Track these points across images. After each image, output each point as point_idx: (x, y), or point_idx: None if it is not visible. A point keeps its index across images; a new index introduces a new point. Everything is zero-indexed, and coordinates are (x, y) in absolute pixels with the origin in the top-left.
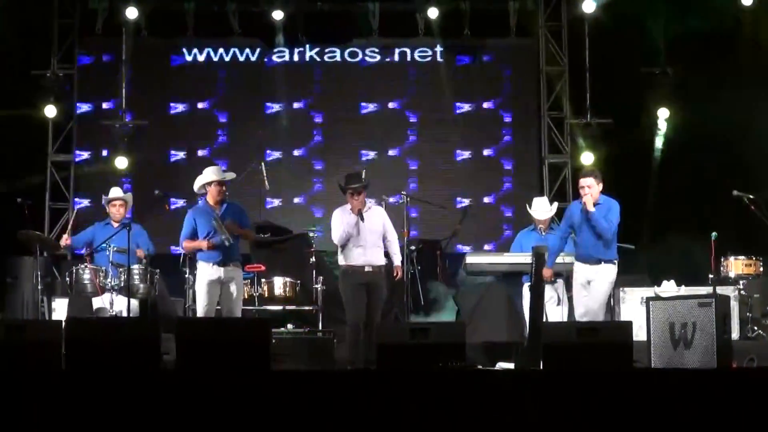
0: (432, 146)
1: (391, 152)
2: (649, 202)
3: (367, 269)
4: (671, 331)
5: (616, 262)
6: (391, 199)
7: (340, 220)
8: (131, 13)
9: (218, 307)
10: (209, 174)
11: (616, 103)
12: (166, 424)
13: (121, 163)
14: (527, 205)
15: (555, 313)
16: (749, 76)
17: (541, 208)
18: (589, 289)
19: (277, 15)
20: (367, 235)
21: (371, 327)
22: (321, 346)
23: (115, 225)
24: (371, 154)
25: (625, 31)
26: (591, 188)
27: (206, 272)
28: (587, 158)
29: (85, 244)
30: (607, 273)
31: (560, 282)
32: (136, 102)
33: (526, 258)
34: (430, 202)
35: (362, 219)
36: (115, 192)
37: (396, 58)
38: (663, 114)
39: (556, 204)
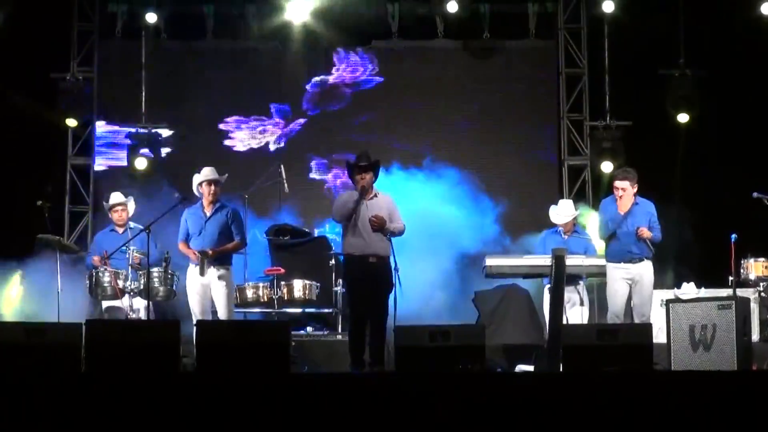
0: (451, 148)
1: (410, 154)
2: (669, 204)
3: (371, 260)
4: (691, 333)
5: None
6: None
7: (345, 197)
8: (150, 18)
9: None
10: (197, 175)
11: (636, 105)
12: (185, 427)
13: (141, 164)
14: (552, 207)
15: (576, 315)
16: None
17: (562, 212)
18: (636, 293)
19: (296, 19)
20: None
21: (375, 323)
22: (341, 349)
23: (120, 230)
24: (391, 155)
25: (644, 33)
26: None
27: (192, 272)
28: (607, 161)
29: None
30: (650, 270)
31: (581, 284)
32: (155, 105)
33: (546, 260)
34: None
35: (362, 197)
36: (116, 197)
37: (415, 59)
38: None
39: (580, 210)
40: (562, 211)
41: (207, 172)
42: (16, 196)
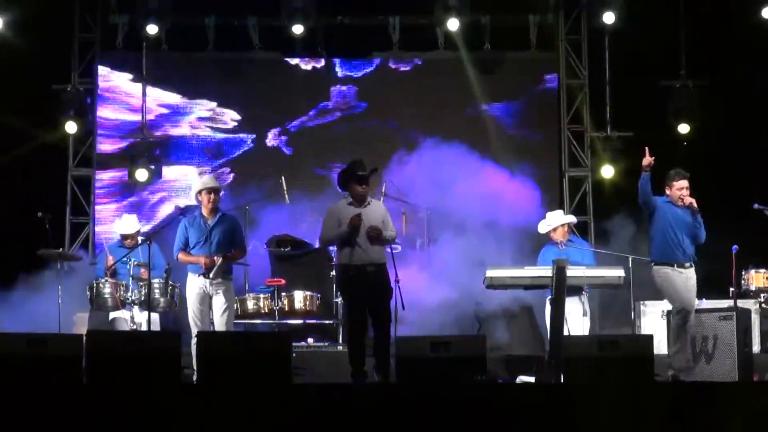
0: (452, 160)
1: (409, 164)
2: None
3: (369, 269)
4: (692, 344)
5: None
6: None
7: (338, 217)
8: (151, 29)
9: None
10: (197, 183)
11: (637, 116)
12: None
13: (141, 175)
14: (541, 221)
15: (579, 326)
16: None
17: (551, 221)
18: (687, 290)
19: (297, 29)
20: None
21: (380, 331)
22: (342, 360)
23: (129, 246)
24: (391, 166)
25: (645, 44)
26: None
27: (193, 283)
28: (608, 171)
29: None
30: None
31: (584, 294)
32: (156, 116)
33: (547, 271)
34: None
35: (360, 217)
36: (126, 227)
37: (416, 71)
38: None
39: (572, 217)
40: (551, 221)
41: (207, 180)
42: (17, 208)
